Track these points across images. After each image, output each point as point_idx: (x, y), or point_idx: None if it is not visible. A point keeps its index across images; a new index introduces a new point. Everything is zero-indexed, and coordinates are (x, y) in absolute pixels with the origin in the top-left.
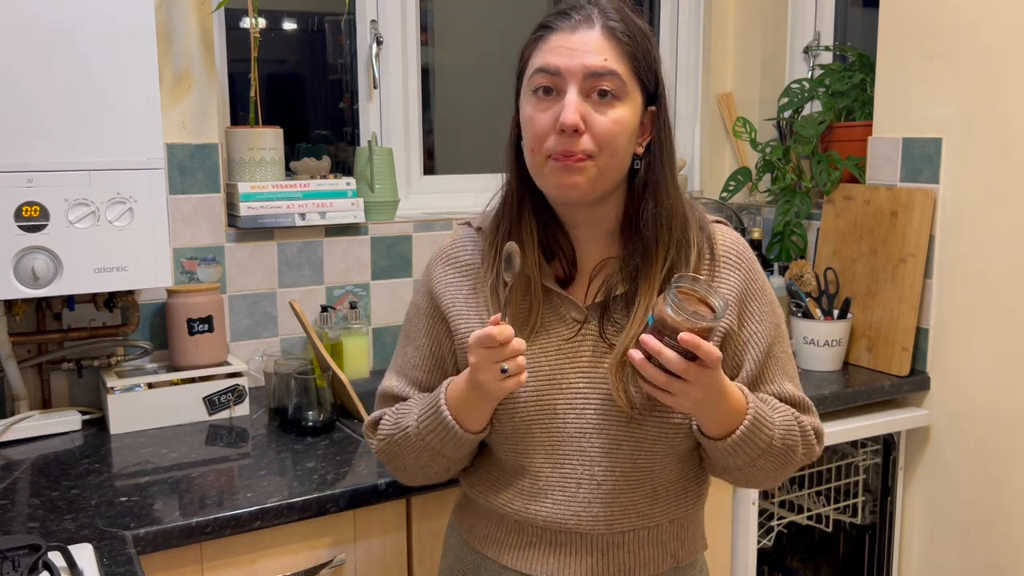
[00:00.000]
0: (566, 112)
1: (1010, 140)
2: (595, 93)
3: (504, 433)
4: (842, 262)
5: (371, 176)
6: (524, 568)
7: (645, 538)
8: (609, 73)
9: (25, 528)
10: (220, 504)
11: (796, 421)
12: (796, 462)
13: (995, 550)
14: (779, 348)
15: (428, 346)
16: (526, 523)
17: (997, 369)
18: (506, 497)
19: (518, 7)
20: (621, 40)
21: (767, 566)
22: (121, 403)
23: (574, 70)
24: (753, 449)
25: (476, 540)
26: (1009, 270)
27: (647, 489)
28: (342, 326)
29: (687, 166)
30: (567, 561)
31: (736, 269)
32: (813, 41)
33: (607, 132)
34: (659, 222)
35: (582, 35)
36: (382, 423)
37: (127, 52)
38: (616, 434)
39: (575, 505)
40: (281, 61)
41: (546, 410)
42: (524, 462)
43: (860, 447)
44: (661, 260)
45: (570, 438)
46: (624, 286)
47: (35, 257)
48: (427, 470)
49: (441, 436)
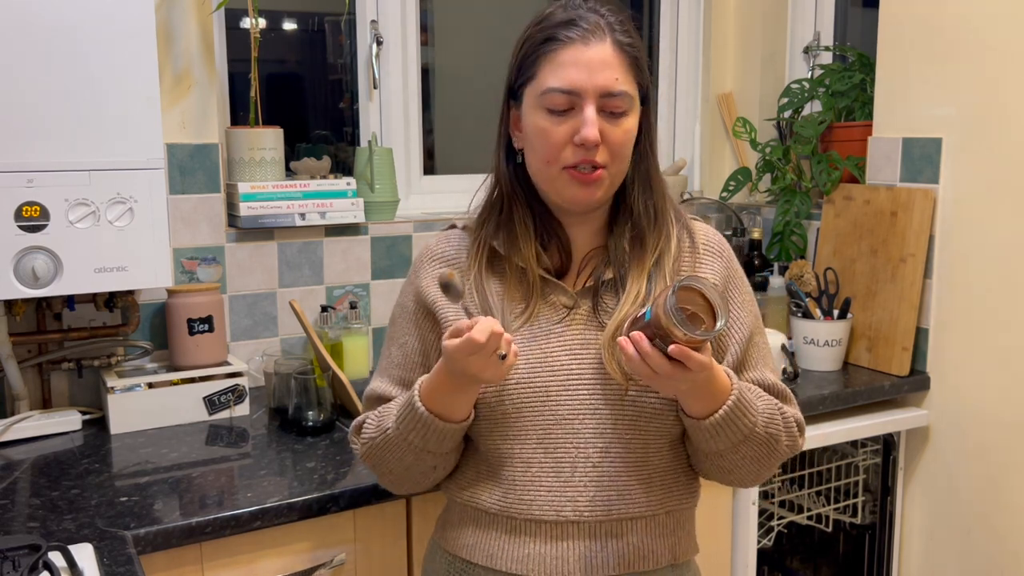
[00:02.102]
0: (589, 129)
1: (1010, 140)
2: (609, 109)
3: (494, 419)
4: (842, 262)
5: (371, 176)
6: (519, 570)
7: (643, 529)
8: (621, 94)
9: (25, 528)
10: (220, 504)
11: (779, 410)
12: (779, 454)
13: (995, 550)
14: (760, 338)
15: (412, 344)
16: (520, 519)
17: (997, 369)
18: (497, 494)
19: (518, 7)
20: (629, 55)
21: (767, 566)
22: (121, 403)
23: (591, 90)
24: (735, 432)
25: (464, 551)
26: (1009, 270)
27: (643, 475)
28: (342, 326)
29: (687, 166)
30: (564, 555)
31: (718, 257)
32: (813, 41)
33: (620, 142)
34: (650, 213)
35: (596, 51)
36: (364, 427)
37: (127, 52)
38: (609, 413)
39: (571, 490)
40: (281, 61)
41: (538, 392)
42: (515, 450)
43: (860, 447)
44: (652, 244)
45: (563, 419)
46: (613, 272)
47: (35, 257)
48: (412, 471)
49: (422, 433)
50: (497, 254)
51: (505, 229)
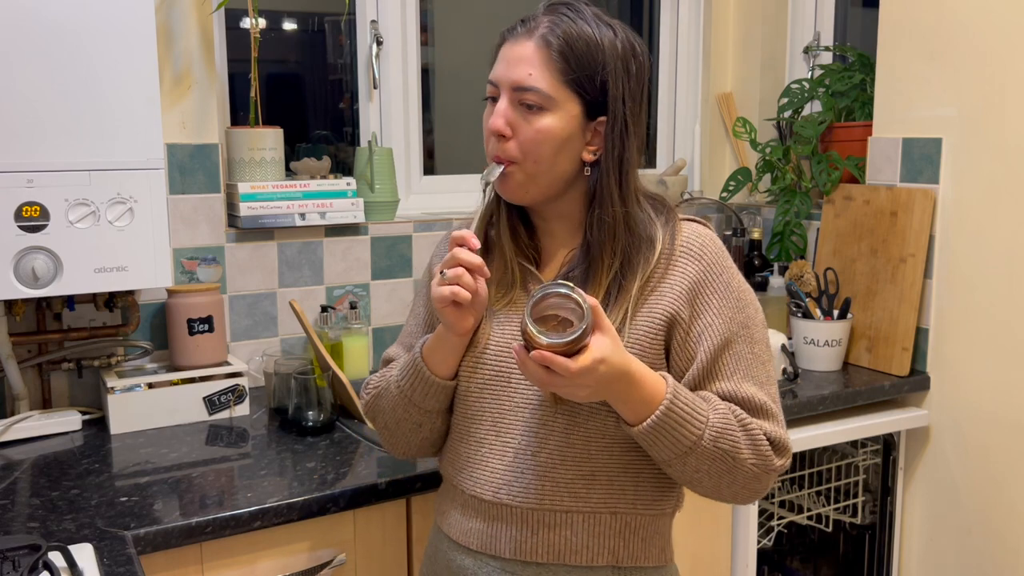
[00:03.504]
0: (493, 118)
1: (1010, 140)
2: (524, 102)
3: (463, 396)
4: (842, 262)
5: (371, 176)
6: (463, 541)
7: (580, 524)
8: (531, 89)
9: (25, 528)
10: (220, 504)
11: (738, 423)
12: (746, 471)
13: (995, 550)
14: (744, 348)
15: (422, 314)
16: (468, 493)
17: (997, 369)
18: (456, 467)
19: (518, 8)
20: (552, 54)
21: (767, 566)
22: (121, 403)
23: (504, 82)
24: (675, 443)
25: (439, 518)
26: (1009, 270)
27: (584, 471)
28: (342, 326)
29: (687, 166)
30: (498, 535)
31: (694, 260)
32: (813, 41)
33: (530, 139)
34: (602, 228)
35: (517, 47)
36: (371, 380)
37: (127, 52)
38: (550, 407)
39: (509, 474)
40: (281, 61)
41: (501, 377)
42: (472, 428)
43: (860, 447)
44: (607, 263)
45: (516, 406)
46: (579, 274)
47: (35, 257)
48: (402, 426)
49: (413, 380)
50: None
51: (496, 218)
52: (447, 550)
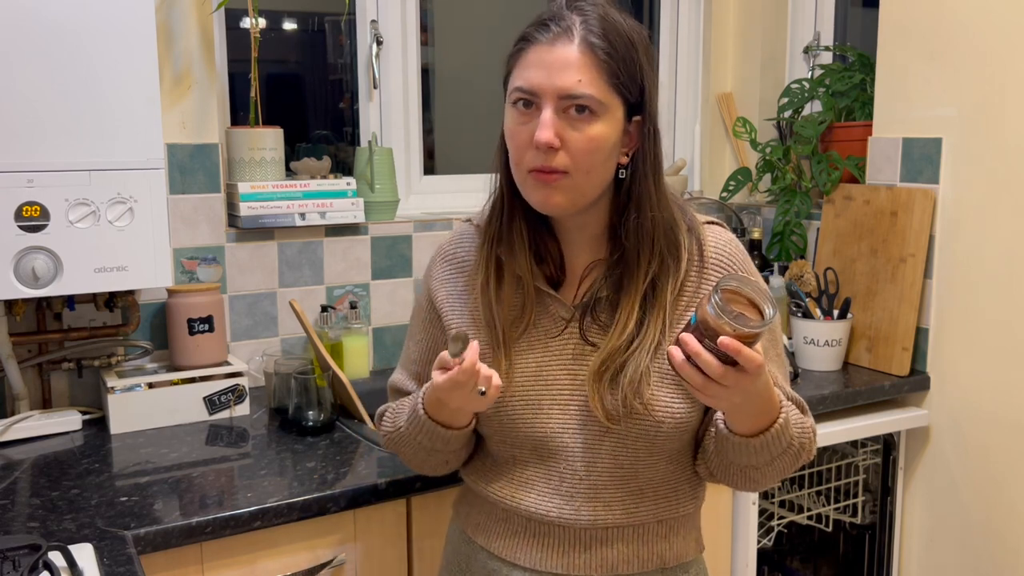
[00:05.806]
0: (541, 130)
1: (1010, 140)
2: (572, 109)
3: (492, 428)
4: (842, 262)
5: (371, 176)
6: (509, 557)
7: (630, 536)
8: (583, 96)
9: (25, 528)
10: (220, 504)
11: (802, 421)
12: (802, 461)
13: (995, 550)
14: (771, 349)
15: (425, 342)
16: (513, 512)
17: (997, 369)
18: (496, 485)
19: (518, 7)
20: (600, 57)
21: (767, 566)
22: (121, 403)
23: (548, 91)
24: (777, 448)
25: (470, 528)
26: (1009, 270)
27: (632, 487)
28: (342, 326)
29: (687, 166)
30: (550, 553)
31: (725, 270)
32: (813, 41)
33: (583, 149)
34: (641, 233)
35: (559, 51)
36: (384, 420)
37: (127, 52)
38: (596, 431)
39: (558, 498)
40: (281, 61)
41: (531, 406)
42: (512, 453)
43: (860, 447)
44: (643, 270)
45: (554, 433)
46: (608, 290)
47: (35, 257)
48: (428, 463)
49: (429, 436)
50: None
51: (506, 236)
52: (485, 560)
